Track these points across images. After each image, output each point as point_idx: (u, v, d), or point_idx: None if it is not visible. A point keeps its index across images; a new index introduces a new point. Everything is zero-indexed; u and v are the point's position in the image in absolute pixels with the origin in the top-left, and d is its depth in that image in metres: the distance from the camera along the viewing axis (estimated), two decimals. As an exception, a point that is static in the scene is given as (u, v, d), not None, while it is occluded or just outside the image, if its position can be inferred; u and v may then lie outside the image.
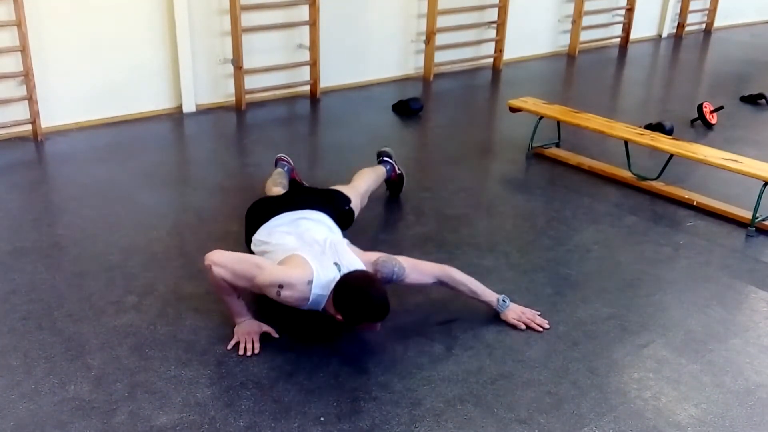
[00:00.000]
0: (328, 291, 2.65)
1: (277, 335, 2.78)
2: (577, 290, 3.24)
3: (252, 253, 3.02)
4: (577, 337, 2.90)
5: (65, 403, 2.43)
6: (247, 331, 2.77)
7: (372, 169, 3.89)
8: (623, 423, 2.44)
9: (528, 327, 2.92)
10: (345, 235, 3.09)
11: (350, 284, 2.62)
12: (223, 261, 2.68)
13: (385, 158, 4.02)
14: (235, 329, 2.79)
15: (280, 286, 2.64)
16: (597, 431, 2.41)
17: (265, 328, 2.80)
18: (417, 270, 2.86)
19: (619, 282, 3.32)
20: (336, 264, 2.71)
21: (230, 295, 2.75)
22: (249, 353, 2.70)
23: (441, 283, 2.94)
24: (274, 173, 3.88)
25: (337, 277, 2.66)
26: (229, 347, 2.73)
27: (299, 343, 2.79)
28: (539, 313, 2.99)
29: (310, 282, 2.65)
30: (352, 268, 2.70)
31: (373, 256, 2.81)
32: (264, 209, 3.17)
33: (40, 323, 2.85)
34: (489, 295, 2.98)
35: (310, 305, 2.70)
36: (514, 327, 2.92)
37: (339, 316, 2.64)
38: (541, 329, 2.91)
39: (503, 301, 2.97)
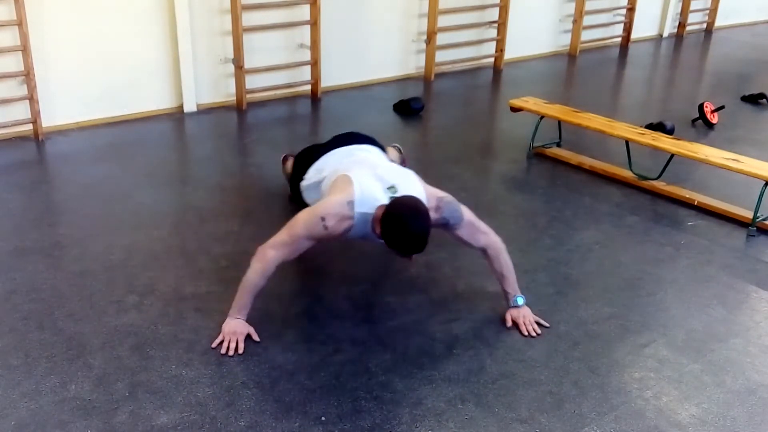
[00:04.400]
0: (373, 209, 2.64)
1: (258, 339, 2.76)
2: (578, 290, 3.24)
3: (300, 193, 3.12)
4: (578, 336, 2.90)
5: (66, 402, 2.43)
6: (233, 331, 2.76)
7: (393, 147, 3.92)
8: (624, 422, 2.44)
9: (518, 326, 2.91)
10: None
11: (396, 208, 2.58)
12: (273, 242, 2.75)
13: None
14: (223, 326, 2.78)
15: (323, 219, 2.65)
16: (598, 431, 2.41)
17: (250, 330, 2.78)
18: (472, 229, 2.84)
19: (620, 281, 3.32)
20: (392, 187, 2.69)
21: (252, 292, 2.76)
22: (231, 353, 2.69)
23: (483, 253, 2.93)
24: (292, 159, 3.78)
25: (386, 196, 2.65)
26: (214, 345, 2.74)
27: (300, 342, 2.79)
28: (547, 325, 2.94)
29: (351, 202, 2.67)
30: (407, 191, 2.69)
31: (441, 193, 2.79)
32: (315, 150, 3.16)
33: (41, 323, 2.85)
34: (512, 287, 2.96)
35: (357, 226, 2.67)
36: (512, 325, 2.94)
37: (380, 235, 2.62)
38: (526, 332, 2.88)
39: (517, 299, 2.95)
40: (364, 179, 2.74)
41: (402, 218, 2.55)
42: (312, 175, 3.02)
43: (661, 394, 2.59)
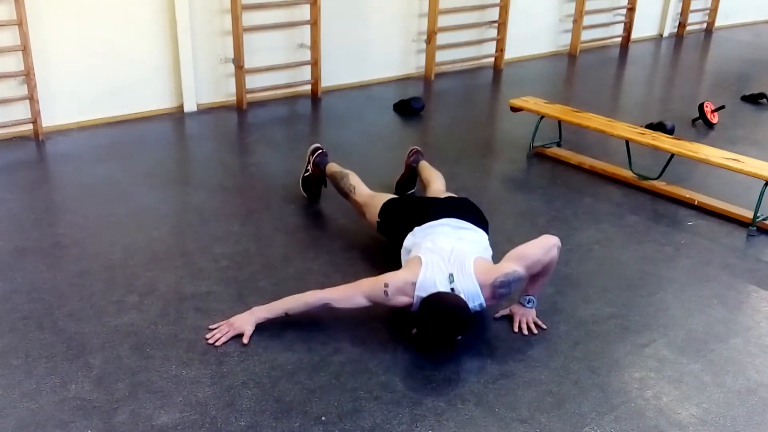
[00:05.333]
0: None
1: (246, 342, 2.75)
2: (578, 289, 3.24)
3: (387, 229, 3.32)
4: (578, 336, 2.90)
5: (66, 402, 2.43)
6: (232, 323, 2.81)
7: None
8: (624, 422, 2.44)
9: (513, 321, 2.93)
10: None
11: (424, 304, 2.69)
12: (330, 290, 2.84)
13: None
14: (235, 317, 2.84)
15: (386, 285, 2.76)
16: (598, 431, 2.41)
17: (246, 330, 2.79)
18: (532, 268, 2.82)
19: (620, 281, 3.32)
20: (450, 275, 2.76)
21: (285, 305, 2.83)
22: (212, 341, 2.74)
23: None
24: (354, 176, 3.71)
25: (447, 285, 2.73)
26: (212, 326, 2.81)
27: (300, 342, 2.79)
28: (544, 327, 2.94)
29: (414, 284, 2.75)
30: (462, 284, 2.74)
31: (497, 275, 2.76)
32: (435, 207, 3.24)
33: (41, 323, 2.85)
34: (534, 291, 2.95)
35: (415, 305, 2.76)
36: (510, 321, 2.95)
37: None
38: (517, 329, 2.90)
39: (528, 301, 2.96)
40: (431, 266, 2.79)
41: (424, 317, 2.67)
42: (409, 239, 3.09)
43: (662, 393, 2.59)
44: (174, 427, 2.34)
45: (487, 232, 3.19)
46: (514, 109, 4.99)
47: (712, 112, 5.58)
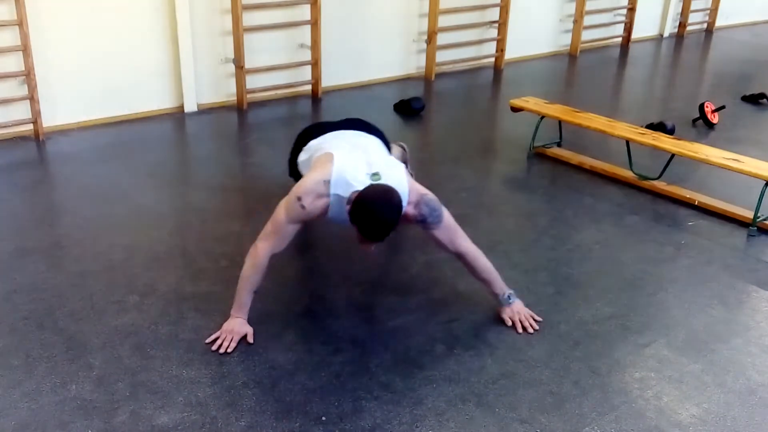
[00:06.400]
0: (347, 193, 2.61)
1: (251, 341, 2.75)
2: (578, 290, 3.24)
3: (294, 166, 3.16)
4: (579, 336, 2.90)
5: (67, 402, 2.43)
6: (231, 329, 2.77)
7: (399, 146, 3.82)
8: (625, 423, 2.44)
9: (515, 324, 2.91)
10: None
11: (369, 193, 2.56)
12: (261, 236, 2.76)
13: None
14: (224, 325, 2.79)
15: (299, 199, 2.64)
16: (598, 431, 2.41)
17: (248, 330, 2.78)
18: (450, 232, 2.82)
19: (620, 281, 3.32)
20: (375, 174, 2.64)
21: (248, 288, 2.77)
22: (223, 350, 2.70)
23: (460, 259, 2.90)
24: None
25: (367, 182, 2.61)
26: (208, 341, 2.75)
27: (301, 342, 2.79)
28: (539, 319, 2.96)
29: (327, 182, 2.64)
30: (391, 180, 2.64)
31: (425, 191, 2.76)
32: (319, 127, 3.15)
33: (41, 323, 2.85)
34: (499, 287, 2.95)
35: (333, 207, 2.65)
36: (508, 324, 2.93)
37: (348, 213, 2.61)
38: (521, 329, 2.89)
39: (508, 297, 2.95)
40: (346, 160, 2.68)
41: (372, 204, 2.54)
42: (303, 155, 3.01)
43: (662, 394, 2.59)
44: (174, 427, 2.34)
45: (389, 151, 3.10)
46: (515, 109, 5.00)
47: (713, 112, 5.58)
